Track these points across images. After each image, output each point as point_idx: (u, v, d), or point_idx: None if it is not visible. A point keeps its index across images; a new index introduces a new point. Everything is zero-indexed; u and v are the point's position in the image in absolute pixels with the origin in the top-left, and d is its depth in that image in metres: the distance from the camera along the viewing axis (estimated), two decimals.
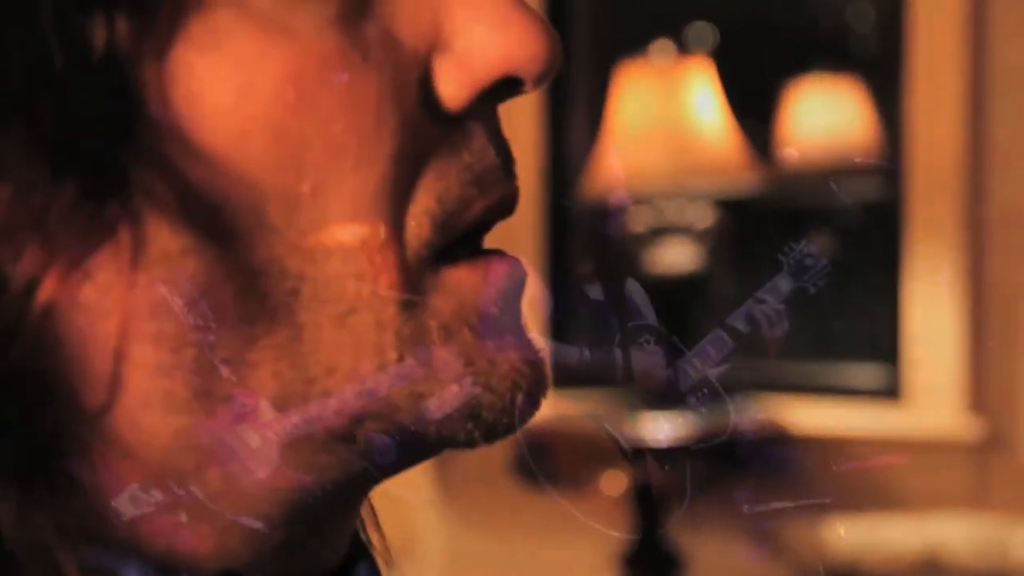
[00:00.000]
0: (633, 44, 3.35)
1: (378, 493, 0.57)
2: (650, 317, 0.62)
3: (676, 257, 3.24)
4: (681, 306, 3.17)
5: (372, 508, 0.64)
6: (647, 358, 0.59)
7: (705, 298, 3.25)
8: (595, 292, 0.59)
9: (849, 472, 3.29)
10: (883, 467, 3.34)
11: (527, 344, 0.54)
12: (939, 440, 3.37)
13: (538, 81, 0.54)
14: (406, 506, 3.29)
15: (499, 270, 0.54)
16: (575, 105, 3.85)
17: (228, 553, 0.53)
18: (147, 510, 0.50)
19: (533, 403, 0.54)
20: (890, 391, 3.48)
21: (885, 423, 3.42)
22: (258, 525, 0.52)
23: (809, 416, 3.37)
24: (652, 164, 3.23)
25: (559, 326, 2.46)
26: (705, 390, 0.60)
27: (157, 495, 0.50)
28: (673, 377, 0.62)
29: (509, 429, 0.53)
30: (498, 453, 3.55)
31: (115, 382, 0.49)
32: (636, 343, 0.59)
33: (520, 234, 3.69)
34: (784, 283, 0.60)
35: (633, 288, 0.61)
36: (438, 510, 3.89)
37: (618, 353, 0.60)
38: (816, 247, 0.58)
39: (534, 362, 0.54)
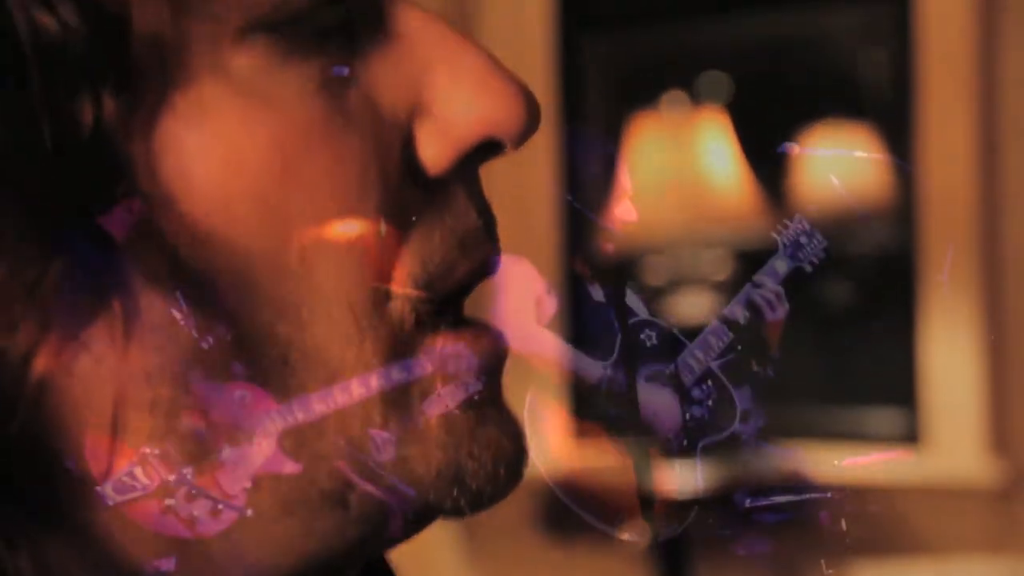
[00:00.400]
0: (646, 96, 3.37)
1: (402, 548, 0.58)
2: (647, 315, 0.64)
3: (694, 308, 3.24)
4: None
5: (391, 569, 0.65)
6: (659, 399, 0.61)
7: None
8: (596, 294, 0.61)
9: (870, 518, 3.29)
10: (904, 513, 3.33)
11: (507, 418, 0.56)
12: (960, 484, 3.36)
13: (518, 142, 0.55)
14: (431, 560, 3.29)
15: (483, 342, 0.55)
16: (590, 158, 3.86)
17: None
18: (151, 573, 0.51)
19: (515, 474, 0.55)
20: (909, 436, 3.47)
21: (905, 468, 3.41)
22: None
23: (828, 463, 3.36)
24: (667, 216, 3.24)
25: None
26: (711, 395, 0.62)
27: (160, 562, 0.51)
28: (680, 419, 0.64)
29: (493, 498, 0.55)
30: (523, 505, 3.55)
31: (111, 449, 0.50)
32: (638, 338, 0.60)
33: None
34: (780, 264, 0.61)
35: (631, 289, 0.62)
36: (464, 564, 3.89)
37: (634, 374, 0.62)
38: (808, 224, 0.59)
39: (514, 435, 0.55)
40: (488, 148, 0.55)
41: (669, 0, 3.92)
